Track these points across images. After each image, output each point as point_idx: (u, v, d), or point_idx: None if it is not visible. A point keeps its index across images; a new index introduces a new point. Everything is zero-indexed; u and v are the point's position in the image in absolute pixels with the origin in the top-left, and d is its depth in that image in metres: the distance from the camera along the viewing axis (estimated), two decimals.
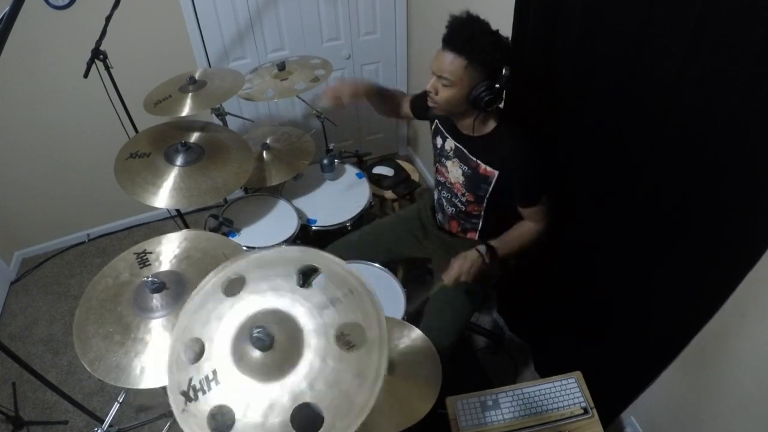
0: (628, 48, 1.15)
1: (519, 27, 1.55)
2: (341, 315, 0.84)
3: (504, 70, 1.28)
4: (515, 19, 1.55)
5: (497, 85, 1.29)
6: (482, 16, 1.31)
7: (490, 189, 1.49)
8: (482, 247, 1.46)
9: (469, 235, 1.69)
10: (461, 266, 1.42)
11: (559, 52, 1.41)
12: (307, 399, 0.76)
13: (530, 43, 1.51)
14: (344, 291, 0.86)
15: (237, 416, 0.76)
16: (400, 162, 2.61)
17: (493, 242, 1.50)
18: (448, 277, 1.43)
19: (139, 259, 1.24)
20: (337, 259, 0.91)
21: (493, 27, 1.32)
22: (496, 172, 1.45)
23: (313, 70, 2.14)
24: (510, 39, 1.54)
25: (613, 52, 1.21)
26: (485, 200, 1.54)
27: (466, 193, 1.56)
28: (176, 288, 1.16)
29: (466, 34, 1.27)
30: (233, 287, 0.91)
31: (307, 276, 0.92)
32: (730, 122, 0.97)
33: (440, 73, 1.33)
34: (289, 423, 0.74)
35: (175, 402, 0.79)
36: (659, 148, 1.17)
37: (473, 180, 1.51)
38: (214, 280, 0.93)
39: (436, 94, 1.37)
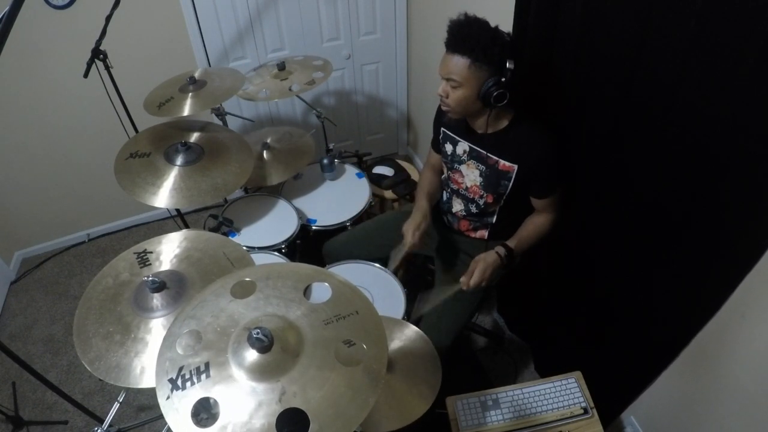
0: (629, 47, 1.15)
1: (519, 27, 1.55)
2: (344, 332, 0.85)
3: (508, 63, 1.28)
4: (515, 19, 1.55)
5: (503, 79, 1.30)
6: (482, 16, 1.32)
7: (510, 185, 1.49)
8: (501, 249, 1.49)
9: (478, 234, 1.69)
10: (483, 272, 1.45)
11: (559, 52, 1.41)
12: (297, 404, 0.76)
13: (530, 43, 1.51)
14: (350, 311, 0.88)
15: (222, 412, 0.76)
16: (400, 162, 2.61)
17: (510, 243, 1.53)
18: (473, 282, 1.44)
19: (139, 259, 1.24)
20: (347, 282, 0.93)
21: (493, 26, 1.32)
22: (516, 166, 1.45)
23: (313, 70, 2.14)
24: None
25: (613, 52, 1.21)
26: (504, 198, 1.54)
27: (485, 195, 1.56)
28: (176, 288, 1.16)
29: (464, 32, 1.29)
30: (242, 290, 0.92)
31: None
32: (730, 121, 0.97)
33: (447, 76, 1.35)
34: (274, 427, 0.74)
35: (161, 388, 0.79)
36: (659, 148, 1.17)
37: (492, 178, 1.51)
38: (225, 280, 0.94)
39: (447, 97, 1.39)
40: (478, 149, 1.52)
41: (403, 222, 1.86)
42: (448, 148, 1.62)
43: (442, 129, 1.63)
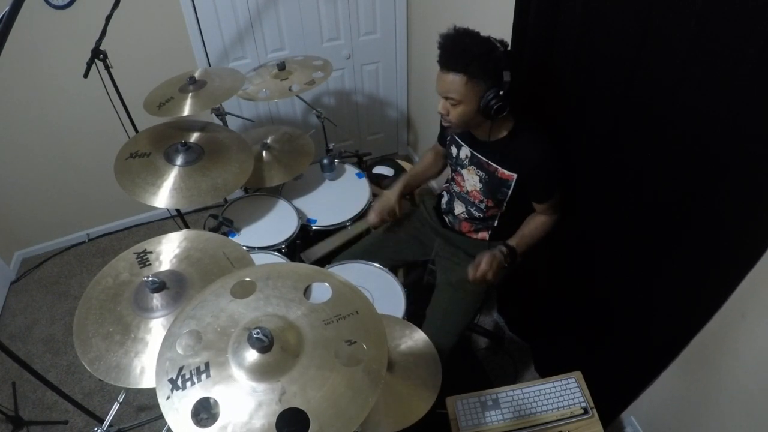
0: (629, 47, 1.15)
1: (519, 27, 1.55)
2: (344, 332, 0.85)
3: (505, 76, 1.28)
4: (515, 19, 1.55)
5: (502, 92, 1.30)
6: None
7: (510, 192, 1.50)
8: (503, 248, 1.50)
9: (480, 235, 1.69)
10: (490, 263, 1.45)
11: (559, 52, 1.41)
12: (297, 404, 0.76)
13: (530, 43, 1.51)
14: (350, 311, 0.88)
15: (222, 412, 0.76)
16: (400, 162, 2.61)
17: (511, 242, 1.53)
18: (480, 271, 1.45)
19: (139, 259, 1.24)
20: (347, 282, 0.94)
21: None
22: (515, 175, 1.46)
23: (313, 70, 2.14)
24: (509, 40, 1.54)
25: (613, 52, 1.21)
26: (504, 204, 1.55)
27: (485, 200, 1.57)
28: (176, 288, 1.16)
29: (457, 50, 1.28)
30: (242, 290, 0.92)
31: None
32: (730, 122, 0.97)
33: (445, 94, 1.34)
34: (274, 427, 0.74)
35: (161, 388, 0.79)
36: (659, 148, 1.17)
37: (491, 185, 1.52)
38: (225, 280, 0.94)
39: (448, 114, 1.38)
40: (479, 156, 1.52)
41: (403, 231, 1.86)
42: (453, 150, 1.62)
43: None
